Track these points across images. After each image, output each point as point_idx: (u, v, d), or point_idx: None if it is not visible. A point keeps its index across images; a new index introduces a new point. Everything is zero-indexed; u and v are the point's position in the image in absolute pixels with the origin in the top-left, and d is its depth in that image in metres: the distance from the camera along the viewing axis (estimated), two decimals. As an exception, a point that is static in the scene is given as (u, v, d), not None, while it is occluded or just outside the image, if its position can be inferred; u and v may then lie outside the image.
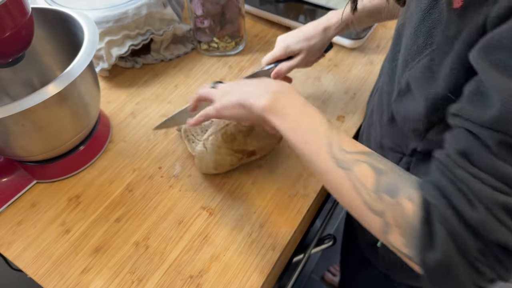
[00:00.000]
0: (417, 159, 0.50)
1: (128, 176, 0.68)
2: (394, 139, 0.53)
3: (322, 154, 0.41)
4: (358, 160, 0.39)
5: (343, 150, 0.40)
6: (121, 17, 0.77)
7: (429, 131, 0.45)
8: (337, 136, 0.42)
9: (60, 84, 0.54)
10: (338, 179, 0.40)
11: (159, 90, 0.82)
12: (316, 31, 0.66)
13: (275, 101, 0.45)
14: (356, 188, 0.38)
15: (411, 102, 0.45)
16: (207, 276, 0.56)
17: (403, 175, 0.38)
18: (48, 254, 0.59)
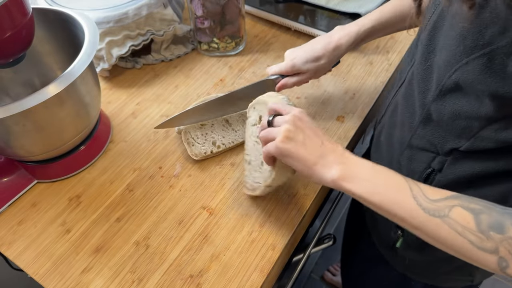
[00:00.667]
0: (454, 158, 0.50)
1: (129, 176, 0.68)
2: (428, 139, 0.52)
3: (411, 209, 0.42)
4: (449, 205, 0.41)
5: (430, 199, 0.42)
6: (122, 17, 0.77)
7: (485, 128, 0.44)
8: (417, 186, 0.43)
9: (60, 84, 0.54)
10: (437, 229, 0.41)
11: (160, 91, 0.82)
12: (325, 51, 0.65)
13: (345, 170, 0.46)
14: (459, 233, 0.39)
15: (463, 100, 0.44)
16: (207, 276, 0.56)
17: (501, 210, 0.39)
18: (49, 253, 0.59)
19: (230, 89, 0.81)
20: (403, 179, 0.45)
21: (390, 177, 0.45)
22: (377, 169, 0.47)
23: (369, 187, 0.45)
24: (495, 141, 0.44)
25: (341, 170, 0.46)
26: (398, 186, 0.44)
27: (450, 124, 0.48)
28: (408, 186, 0.43)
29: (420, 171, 0.55)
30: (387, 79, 0.82)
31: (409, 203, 0.42)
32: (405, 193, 0.43)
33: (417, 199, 0.42)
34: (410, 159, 0.56)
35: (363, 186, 0.45)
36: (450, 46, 0.44)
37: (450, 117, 0.47)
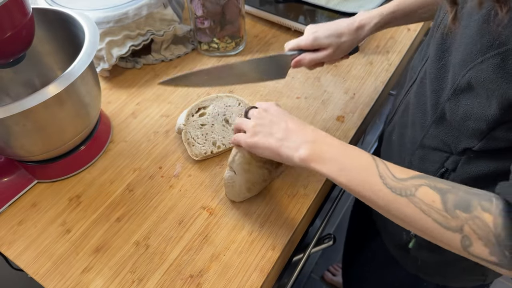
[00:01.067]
0: (468, 157, 0.50)
1: (129, 176, 0.68)
2: (442, 138, 0.52)
3: (378, 187, 0.42)
4: (416, 184, 0.41)
5: (397, 178, 0.42)
6: (122, 17, 0.77)
7: (496, 129, 0.44)
8: (385, 165, 0.43)
9: (60, 85, 0.54)
10: (403, 208, 0.41)
11: (160, 91, 0.82)
12: (349, 29, 0.64)
13: (314, 150, 0.46)
14: (425, 212, 0.39)
15: (475, 101, 0.44)
16: (207, 276, 0.56)
17: (469, 190, 0.39)
18: (49, 253, 0.59)
19: (231, 89, 0.81)
20: (370, 158, 0.44)
21: (358, 155, 0.45)
22: (345, 148, 0.46)
23: (336, 167, 0.45)
24: (507, 140, 0.44)
25: (308, 150, 0.46)
26: (365, 165, 0.44)
27: (461, 125, 0.47)
28: (375, 165, 0.43)
29: (433, 171, 0.54)
30: (387, 79, 0.82)
31: (375, 183, 0.42)
32: (372, 172, 0.43)
33: (383, 178, 0.42)
34: (422, 159, 0.56)
35: (330, 166, 0.45)
36: (467, 44, 0.43)
37: (462, 118, 0.47)
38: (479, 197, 0.39)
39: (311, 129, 0.50)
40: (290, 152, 0.48)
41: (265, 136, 0.50)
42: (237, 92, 0.81)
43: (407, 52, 0.89)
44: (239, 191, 0.60)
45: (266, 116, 0.52)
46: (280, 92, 0.80)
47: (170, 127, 0.75)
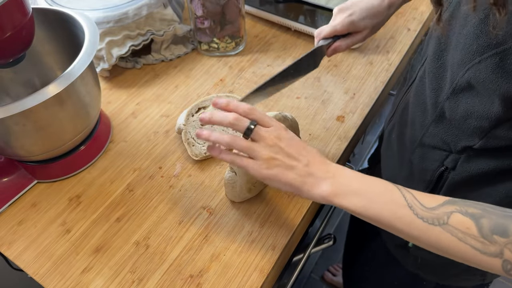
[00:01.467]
0: (468, 156, 0.49)
1: (129, 176, 0.68)
2: (441, 137, 0.52)
3: (409, 219, 0.41)
4: (447, 212, 0.40)
5: (427, 207, 0.41)
6: (122, 17, 0.77)
7: (498, 127, 0.44)
8: (411, 195, 0.42)
9: (60, 84, 0.54)
10: (438, 237, 0.40)
11: (160, 91, 0.82)
12: (382, 8, 0.61)
13: (336, 185, 0.44)
14: (461, 239, 0.39)
15: (476, 99, 0.44)
16: (207, 276, 0.56)
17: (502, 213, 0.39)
18: (49, 253, 0.59)
19: (231, 89, 0.81)
20: (395, 188, 0.43)
21: (382, 187, 0.44)
22: (366, 180, 0.45)
23: (363, 202, 0.43)
24: (508, 139, 0.44)
25: (331, 185, 0.44)
26: (391, 196, 0.42)
27: (462, 123, 0.47)
28: (402, 195, 0.42)
29: (433, 169, 0.54)
30: (387, 79, 0.82)
31: (406, 214, 0.41)
32: (400, 203, 0.42)
33: (413, 209, 0.41)
34: (422, 158, 0.55)
35: (356, 201, 0.44)
36: (464, 44, 0.43)
37: (462, 116, 0.46)
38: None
39: (328, 162, 0.47)
40: (312, 189, 0.45)
41: (284, 170, 0.46)
42: (237, 92, 0.81)
43: (407, 52, 0.89)
44: (239, 191, 0.60)
45: (281, 147, 0.46)
46: (280, 92, 0.80)
47: (170, 127, 0.75)
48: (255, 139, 0.47)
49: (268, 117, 0.49)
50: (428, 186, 0.57)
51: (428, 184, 0.56)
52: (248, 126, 0.47)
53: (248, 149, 0.47)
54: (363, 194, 0.44)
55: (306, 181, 0.45)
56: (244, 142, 0.47)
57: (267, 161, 0.46)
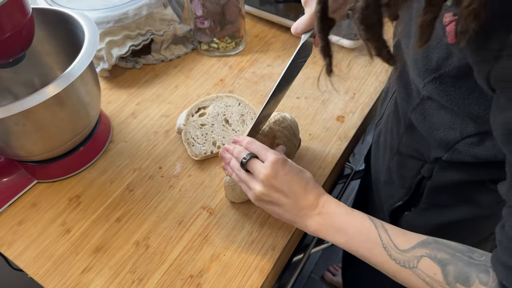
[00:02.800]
0: (441, 166, 0.50)
1: (129, 176, 0.68)
2: (414, 147, 0.53)
3: (383, 259, 0.44)
4: (417, 256, 0.42)
5: (400, 249, 0.43)
6: (122, 17, 0.77)
7: (460, 142, 0.44)
8: (387, 234, 0.44)
9: (60, 85, 0.54)
10: (409, 279, 0.42)
11: (160, 91, 0.82)
12: None
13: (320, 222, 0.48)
14: (428, 284, 0.41)
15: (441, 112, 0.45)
16: (207, 276, 0.56)
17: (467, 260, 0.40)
18: (49, 254, 0.59)
19: (231, 89, 0.81)
20: (373, 227, 0.45)
21: (361, 225, 0.46)
22: (348, 218, 0.47)
23: (344, 238, 0.47)
24: (469, 155, 0.45)
25: (317, 224, 0.48)
26: (368, 235, 0.45)
27: (429, 134, 0.48)
28: (378, 236, 0.44)
29: (411, 177, 0.55)
30: (387, 79, 0.82)
31: (381, 253, 0.44)
32: (376, 243, 0.44)
33: (387, 250, 0.43)
34: (400, 165, 0.57)
35: (338, 237, 0.47)
36: (412, 65, 0.45)
37: (429, 128, 0.47)
38: (478, 268, 0.39)
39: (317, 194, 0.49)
40: (301, 225, 0.50)
41: (274, 206, 0.50)
42: (237, 92, 0.81)
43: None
44: (240, 193, 0.60)
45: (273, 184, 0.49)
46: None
47: (170, 127, 0.75)
48: (251, 171, 0.51)
49: (267, 149, 0.51)
50: (407, 193, 0.59)
51: (408, 191, 0.58)
52: (241, 160, 0.51)
53: (245, 182, 0.52)
54: (343, 232, 0.47)
55: (296, 218, 0.49)
56: (242, 174, 0.52)
57: (259, 196, 0.50)
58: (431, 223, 0.58)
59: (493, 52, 0.30)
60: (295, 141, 0.63)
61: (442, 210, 0.56)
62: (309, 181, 0.50)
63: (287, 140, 0.60)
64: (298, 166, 0.51)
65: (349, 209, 0.48)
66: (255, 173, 0.50)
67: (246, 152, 0.51)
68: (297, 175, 0.50)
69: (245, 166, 0.51)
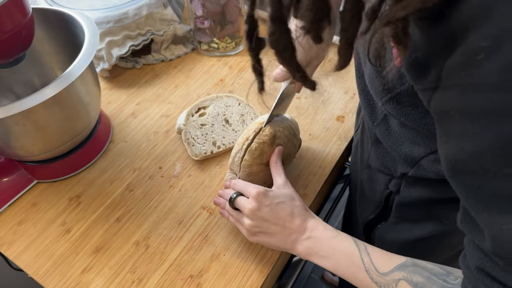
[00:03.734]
0: (407, 182, 0.51)
1: (129, 176, 0.68)
2: (382, 161, 0.53)
3: (366, 283, 0.45)
4: (395, 279, 0.43)
5: (380, 273, 0.45)
6: (122, 17, 0.77)
7: (424, 158, 0.45)
8: (369, 258, 0.46)
9: (60, 85, 0.54)
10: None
11: (160, 91, 0.82)
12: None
13: (309, 248, 0.50)
14: None
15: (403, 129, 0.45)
16: (207, 276, 0.56)
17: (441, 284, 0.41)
18: (49, 253, 0.59)
19: (231, 89, 0.81)
20: (357, 252, 0.47)
21: (346, 250, 0.48)
22: (334, 243, 0.49)
23: (330, 263, 0.48)
24: (433, 172, 0.45)
25: (306, 248, 0.50)
26: (352, 260, 0.47)
27: (394, 150, 0.48)
28: (361, 260, 0.46)
29: (380, 191, 0.56)
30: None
31: (364, 277, 0.46)
32: (359, 266, 0.46)
33: (369, 273, 0.45)
34: (369, 179, 0.58)
35: (325, 262, 0.49)
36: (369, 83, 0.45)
37: (395, 143, 0.48)
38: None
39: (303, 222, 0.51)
40: (291, 250, 0.51)
41: (265, 237, 0.52)
42: (237, 92, 0.81)
43: (407, 52, 0.89)
44: None
45: (259, 216, 0.51)
46: (280, 92, 0.80)
47: (170, 127, 0.75)
48: (239, 208, 0.53)
49: (248, 185, 0.53)
50: (378, 207, 0.59)
51: (378, 205, 0.59)
52: (228, 199, 0.54)
53: (236, 222, 0.54)
54: (330, 257, 0.48)
55: (286, 244, 0.51)
56: (234, 214, 0.54)
57: (249, 229, 0.52)
58: (402, 238, 0.59)
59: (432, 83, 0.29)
60: (295, 142, 0.63)
61: (411, 225, 0.57)
62: (295, 207, 0.52)
63: (288, 141, 0.60)
64: (285, 192, 0.53)
65: (335, 233, 0.50)
66: (242, 209, 0.52)
67: (232, 192, 0.54)
68: (281, 204, 0.52)
69: (233, 205, 0.54)
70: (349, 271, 0.47)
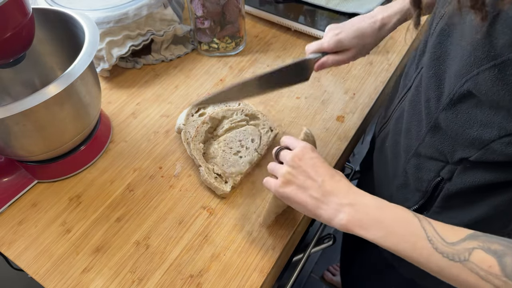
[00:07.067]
0: (464, 167, 0.49)
1: (129, 176, 0.68)
2: (437, 147, 0.51)
3: (428, 253, 0.40)
4: (469, 248, 0.39)
5: (447, 242, 0.40)
6: (122, 17, 0.77)
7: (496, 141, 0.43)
8: (432, 227, 0.41)
9: (61, 85, 0.54)
10: (458, 274, 0.39)
11: (160, 91, 0.82)
12: (372, 29, 0.62)
13: (354, 215, 0.44)
14: (483, 278, 0.38)
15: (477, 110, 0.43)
16: (207, 276, 0.56)
17: None
18: (49, 253, 0.59)
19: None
20: (416, 219, 0.42)
21: (401, 217, 0.43)
22: (385, 210, 0.44)
23: (381, 232, 0.43)
24: (505, 154, 0.43)
25: (349, 215, 0.44)
26: (411, 228, 0.42)
27: (460, 134, 0.46)
28: (422, 227, 0.41)
29: (429, 179, 0.53)
30: (387, 79, 0.82)
31: (425, 248, 0.40)
32: (420, 236, 0.41)
33: (432, 243, 0.40)
34: (417, 168, 0.55)
35: (374, 231, 0.43)
36: (462, 56, 0.42)
37: (461, 126, 0.46)
38: None
39: (346, 186, 0.47)
40: (329, 216, 0.46)
41: (299, 190, 0.48)
42: (237, 92, 0.81)
43: (407, 52, 0.89)
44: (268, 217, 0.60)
45: (300, 165, 0.48)
46: (280, 92, 0.80)
47: (170, 127, 0.75)
48: (282, 160, 0.51)
49: (297, 141, 0.52)
50: (424, 196, 0.56)
51: (424, 194, 0.56)
52: (275, 151, 0.53)
53: (273, 169, 0.51)
54: (381, 224, 0.43)
55: (322, 206, 0.46)
56: (271, 163, 0.52)
57: (284, 177, 0.48)
58: None
59: None
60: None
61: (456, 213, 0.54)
62: (337, 172, 0.49)
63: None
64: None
65: (384, 202, 0.45)
66: (284, 159, 0.50)
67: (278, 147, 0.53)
68: (324, 162, 0.49)
69: (278, 157, 0.52)
70: (405, 240, 0.41)
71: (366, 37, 0.63)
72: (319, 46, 0.63)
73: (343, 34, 0.62)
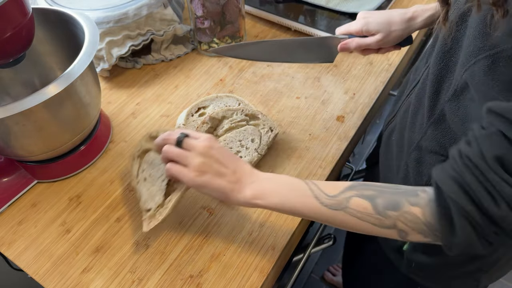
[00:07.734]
0: None
1: (129, 176, 0.68)
2: (439, 140, 0.52)
3: (316, 207, 0.47)
4: (347, 197, 0.46)
5: (329, 196, 0.47)
6: (122, 17, 0.77)
7: None
8: (316, 186, 0.48)
9: (60, 85, 0.54)
10: (342, 219, 0.46)
11: (160, 91, 0.82)
12: (401, 19, 0.64)
13: (256, 189, 0.49)
14: (361, 219, 0.45)
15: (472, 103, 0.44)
16: (207, 276, 0.56)
17: (395, 190, 0.44)
18: (49, 254, 0.59)
19: (231, 89, 0.81)
20: (303, 184, 0.49)
21: (291, 184, 0.49)
22: (277, 180, 0.50)
23: (277, 199, 0.49)
24: None
25: (252, 190, 0.49)
26: (300, 190, 0.48)
27: (460, 126, 0.47)
28: (309, 188, 0.48)
29: (429, 173, 0.54)
30: (387, 79, 0.82)
31: (313, 204, 0.47)
32: (307, 195, 0.47)
33: (318, 198, 0.47)
34: (418, 162, 0.56)
35: (272, 199, 0.49)
36: (466, 46, 0.44)
37: (461, 119, 0.47)
38: (406, 194, 0.43)
39: (249, 169, 0.51)
40: (237, 195, 0.50)
41: (214, 177, 0.50)
42: (237, 92, 0.81)
43: (407, 52, 0.89)
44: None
45: (212, 154, 0.50)
46: (280, 92, 0.80)
47: (170, 127, 0.75)
48: (187, 149, 0.51)
49: (203, 136, 0.53)
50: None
51: None
52: (178, 137, 0.52)
53: (180, 156, 0.51)
54: (277, 192, 0.49)
55: (234, 187, 0.50)
56: (177, 149, 0.51)
57: (199, 167, 0.50)
58: None
59: None
60: None
61: None
62: (239, 158, 0.53)
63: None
64: None
65: (278, 175, 0.51)
66: (193, 148, 0.51)
67: (177, 133, 0.53)
68: (228, 150, 0.53)
69: (181, 145, 0.51)
70: (297, 201, 0.48)
71: (393, 24, 0.64)
72: (347, 28, 0.66)
73: (371, 18, 0.64)
